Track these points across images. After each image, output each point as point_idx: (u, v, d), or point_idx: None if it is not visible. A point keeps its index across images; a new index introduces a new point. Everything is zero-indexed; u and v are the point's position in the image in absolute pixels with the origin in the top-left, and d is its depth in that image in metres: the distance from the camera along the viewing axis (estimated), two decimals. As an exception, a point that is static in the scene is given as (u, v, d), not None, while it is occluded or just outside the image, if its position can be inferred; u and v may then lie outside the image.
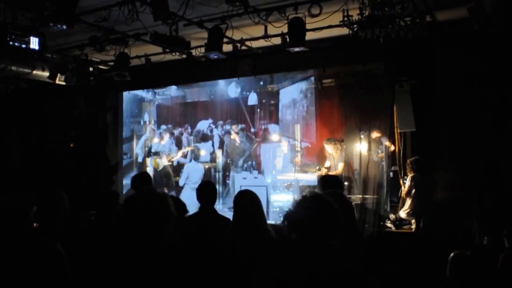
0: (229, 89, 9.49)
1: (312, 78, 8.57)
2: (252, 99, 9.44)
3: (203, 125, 10.06)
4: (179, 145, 9.97)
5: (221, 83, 9.48)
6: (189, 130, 10.08)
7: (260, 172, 8.95)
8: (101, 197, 3.86)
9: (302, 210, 1.84)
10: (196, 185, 8.67)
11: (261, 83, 9.24)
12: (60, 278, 2.20)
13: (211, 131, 9.97)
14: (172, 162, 9.74)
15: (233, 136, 9.35)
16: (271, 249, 2.84)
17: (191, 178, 8.93)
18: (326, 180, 3.85)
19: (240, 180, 8.44)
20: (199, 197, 4.08)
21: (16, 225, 2.36)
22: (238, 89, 9.46)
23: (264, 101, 9.49)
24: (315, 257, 1.73)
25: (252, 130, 9.53)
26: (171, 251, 1.97)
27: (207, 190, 4.10)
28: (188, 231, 4.14)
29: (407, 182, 6.22)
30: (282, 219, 1.93)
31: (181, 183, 9.10)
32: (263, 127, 9.47)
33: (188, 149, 9.61)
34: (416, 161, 6.21)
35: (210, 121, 10.01)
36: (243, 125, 9.44)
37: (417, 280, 4.88)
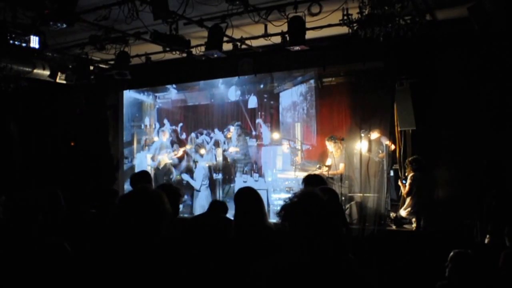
0: (229, 92, 9.48)
1: (312, 81, 8.57)
2: (252, 102, 9.43)
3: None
4: (179, 142, 9.97)
5: (221, 86, 9.47)
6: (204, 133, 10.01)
7: (261, 175, 8.95)
8: (99, 195, 3.87)
9: (294, 202, 1.88)
10: (206, 183, 8.75)
11: (261, 86, 9.22)
12: (67, 277, 2.21)
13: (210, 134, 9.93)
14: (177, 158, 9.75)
15: (230, 135, 9.34)
16: (271, 243, 2.85)
17: (204, 178, 9.05)
18: (310, 179, 3.88)
19: (241, 183, 8.47)
20: (209, 209, 4.27)
21: (27, 225, 2.37)
22: (238, 92, 9.46)
23: (264, 104, 9.47)
24: (305, 250, 1.74)
25: (254, 133, 9.52)
26: (168, 248, 1.97)
27: (217, 205, 4.32)
28: (191, 228, 4.20)
29: (408, 181, 6.21)
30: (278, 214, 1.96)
31: (197, 187, 9.07)
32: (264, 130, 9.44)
33: (189, 147, 9.63)
34: (415, 160, 6.21)
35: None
36: (239, 123, 9.42)
37: (418, 279, 4.88)
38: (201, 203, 8.77)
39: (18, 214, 2.35)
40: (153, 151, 9.90)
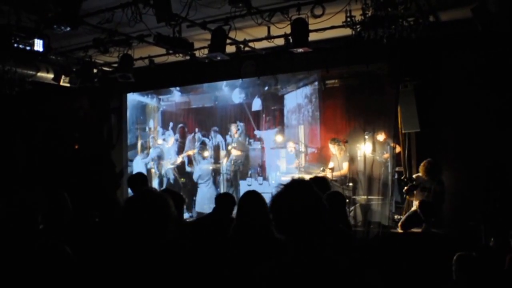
0: (233, 94, 9.49)
1: (316, 83, 8.55)
2: (256, 104, 9.43)
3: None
4: (181, 149, 9.99)
5: (225, 88, 9.48)
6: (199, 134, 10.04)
7: (265, 178, 8.94)
8: (103, 198, 3.89)
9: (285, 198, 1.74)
10: (206, 181, 8.83)
11: (266, 88, 9.22)
12: (68, 280, 2.20)
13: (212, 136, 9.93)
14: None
15: (235, 134, 9.35)
16: (273, 248, 2.83)
17: (203, 177, 9.15)
18: (315, 181, 3.92)
19: (245, 187, 8.47)
20: (216, 206, 4.28)
21: (25, 227, 2.37)
22: (242, 95, 9.47)
23: (268, 106, 9.46)
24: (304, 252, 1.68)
25: (258, 136, 9.52)
26: (174, 250, 1.97)
27: (222, 199, 4.34)
28: (196, 230, 4.19)
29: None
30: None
31: (195, 179, 9.30)
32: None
33: (190, 152, 9.64)
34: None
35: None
36: (242, 124, 9.43)
37: (422, 281, 4.85)
38: (202, 200, 8.94)
39: (17, 214, 2.35)
40: (149, 159, 9.94)
